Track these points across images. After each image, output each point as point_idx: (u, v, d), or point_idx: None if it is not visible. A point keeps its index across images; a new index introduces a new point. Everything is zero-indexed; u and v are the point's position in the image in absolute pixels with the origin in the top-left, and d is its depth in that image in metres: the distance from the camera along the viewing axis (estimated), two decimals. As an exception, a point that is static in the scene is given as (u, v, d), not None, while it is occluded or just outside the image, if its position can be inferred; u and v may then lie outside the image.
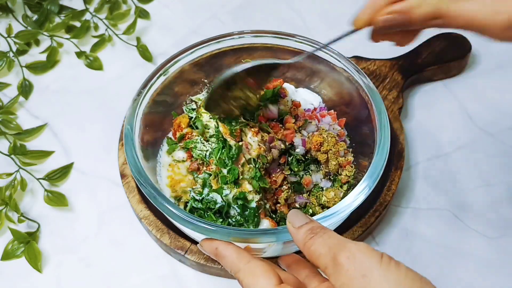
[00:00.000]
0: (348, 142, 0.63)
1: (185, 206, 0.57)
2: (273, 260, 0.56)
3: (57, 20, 0.82)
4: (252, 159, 0.56)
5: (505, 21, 0.39)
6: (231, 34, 0.63)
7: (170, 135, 0.62)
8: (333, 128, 0.63)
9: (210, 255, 0.48)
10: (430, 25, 0.42)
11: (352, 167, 0.61)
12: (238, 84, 0.55)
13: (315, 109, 0.65)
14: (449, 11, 0.40)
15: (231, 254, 0.45)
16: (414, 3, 0.42)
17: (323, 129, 0.62)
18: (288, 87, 0.66)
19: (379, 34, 0.49)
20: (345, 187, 0.60)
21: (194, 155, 0.57)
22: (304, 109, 0.64)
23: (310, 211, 0.59)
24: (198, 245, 0.50)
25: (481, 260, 0.60)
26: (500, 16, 0.39)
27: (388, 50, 0.77)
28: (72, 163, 0.68)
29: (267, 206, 0.57)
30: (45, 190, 0.64)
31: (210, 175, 0.55)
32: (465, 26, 0.41)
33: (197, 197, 0.55)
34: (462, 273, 0.60)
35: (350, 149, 0.62)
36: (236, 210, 0.54)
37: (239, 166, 0.55)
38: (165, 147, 0.62)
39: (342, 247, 0.39)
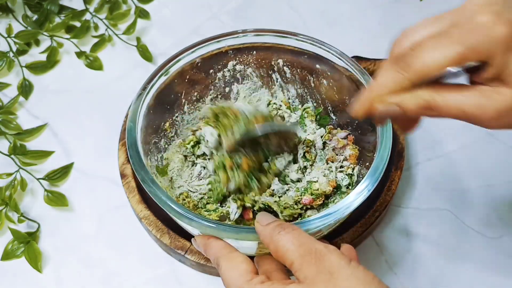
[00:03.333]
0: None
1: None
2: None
3: (57, 20, 0.82)
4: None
5: (492, 113, 0.38)
6: (231, 33, 0.63)
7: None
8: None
9: (200, 248, 0.49)
10: (426, 115, 0.42)
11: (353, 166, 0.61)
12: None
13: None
14: (438, 104, 0.40)
15: (218, 244, 0.47)
16: (406, 97, 0.41)
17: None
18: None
19: (379, 121, 0.49)
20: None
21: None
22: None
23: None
24: (192, 239, 0.51)
25: (481, 260, 0.60)
26: (486, 109, 0.39)
27: (388, 50, 0.77)
28: (72, 163, 0.68)
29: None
30: (45, 190, 0.64)
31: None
32: (456, 117, 0.40)
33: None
34: (462, 273, 0.60)
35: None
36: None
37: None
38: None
39: (312, 247, 0.39)
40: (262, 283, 0.41)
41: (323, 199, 0.59)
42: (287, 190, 0.61)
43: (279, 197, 0.60)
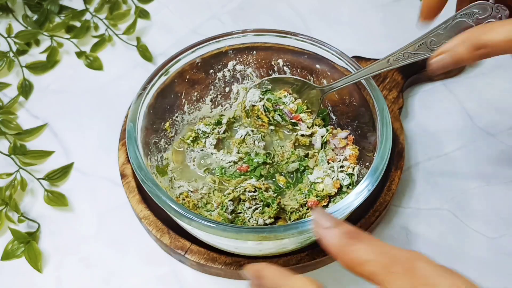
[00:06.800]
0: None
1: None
2: (273, 260, 0.56)
3: (57, 20, 0.82)
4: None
5: None
6: (231, 33, 0.63)
7: None
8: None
9: (253, 279, 0.45)
10: (478, 57, 0.44)
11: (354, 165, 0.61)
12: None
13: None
14: (487, 41, 0.43)
15: (273, 273, 0.42)
16: (457, 41, 0.45)
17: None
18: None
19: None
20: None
21: None
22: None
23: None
24: (241, 271, 0.49)
25: (481, 260, 0.60)
26: None
27: (388, 50, 0.77)
28: (72, 163, 0.68)
29: None
30: (45, 190, 0.64)
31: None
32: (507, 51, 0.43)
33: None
34: (462, 273, 0.59)
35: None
36: None
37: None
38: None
39: (396, 254, 0.35)
40: None
41: (328, 200, 0.59)
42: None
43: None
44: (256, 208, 0.57)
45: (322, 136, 0.64)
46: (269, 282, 0.42)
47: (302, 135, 0.64)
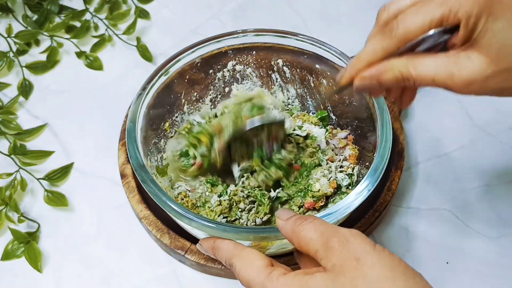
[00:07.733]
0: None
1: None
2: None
3: (57, 20, 0.82)
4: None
5: (461, 83, 0.40)
6: (231, 33, 0.63)
7: None
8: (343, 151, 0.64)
9: (208, 252, 0.49)
10: (402, 85, 0.43)
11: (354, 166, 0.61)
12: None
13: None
14: (411, 75, 0.41)
15: (227, 245, 0.46)
16: (382, 68, 0.42)
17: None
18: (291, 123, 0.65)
19: (372, 93, 0.50)
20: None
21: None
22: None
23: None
24: (197, 244, 0.50)
25: (481, 260, 0.60)
26: (455, 78, 0.40)
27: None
28: (72, 163, 0.68)
29: None
30: (45, 190, 0.64)
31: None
32: (432, 85, 0.42)
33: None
34: (462, 273, 0.60)
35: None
36: None
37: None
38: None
39: (335, 232, 0.38)
40: (285, 275, 0.40)
41: (324, 200, 0.59)
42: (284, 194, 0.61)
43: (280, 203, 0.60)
44: (251, 209, 0.57)
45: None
46: (224, 253, 0.46)
47: (297, 135, 0.63)
